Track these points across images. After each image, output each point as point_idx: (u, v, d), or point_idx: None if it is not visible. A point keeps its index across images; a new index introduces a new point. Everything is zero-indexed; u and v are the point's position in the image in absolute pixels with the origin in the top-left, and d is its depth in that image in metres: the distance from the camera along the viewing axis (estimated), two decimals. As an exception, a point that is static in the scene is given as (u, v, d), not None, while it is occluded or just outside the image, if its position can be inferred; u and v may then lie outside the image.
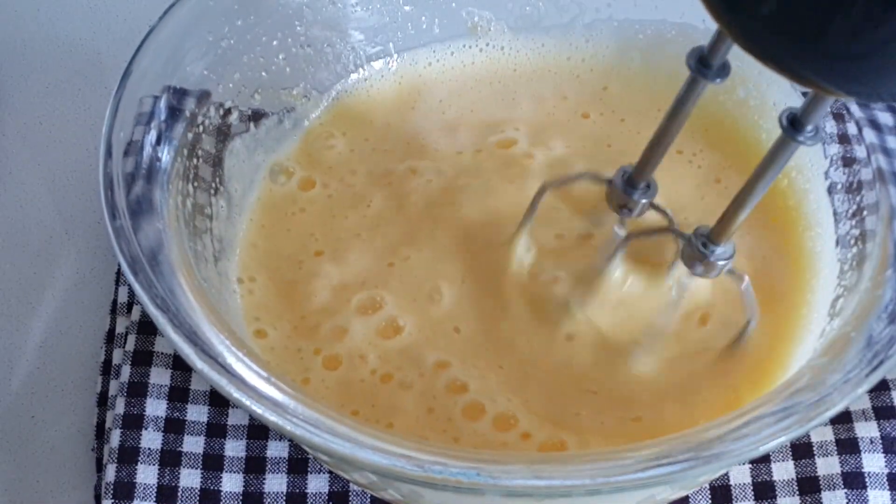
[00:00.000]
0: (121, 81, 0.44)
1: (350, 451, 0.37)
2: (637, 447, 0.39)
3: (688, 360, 0.45)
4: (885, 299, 0.41)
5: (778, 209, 0.49)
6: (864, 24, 0.30)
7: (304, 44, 0.51)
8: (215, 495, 0.44)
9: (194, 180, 0.46)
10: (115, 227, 0.41)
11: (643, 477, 0.36)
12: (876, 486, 0.44)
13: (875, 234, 0.44)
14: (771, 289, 0.47)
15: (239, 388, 0.38)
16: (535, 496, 0.37)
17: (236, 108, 0.49)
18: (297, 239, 0.49)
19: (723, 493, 0.45)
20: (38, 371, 0.49)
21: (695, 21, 0.51)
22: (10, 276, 0.52)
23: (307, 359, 0.46)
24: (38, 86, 0.58)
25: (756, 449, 0.37)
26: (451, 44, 0.54)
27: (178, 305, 0.40)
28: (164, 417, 0.46)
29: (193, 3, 0.47)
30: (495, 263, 0.48)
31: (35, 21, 0.60)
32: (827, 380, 0.39)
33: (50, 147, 0.56)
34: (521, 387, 0.45)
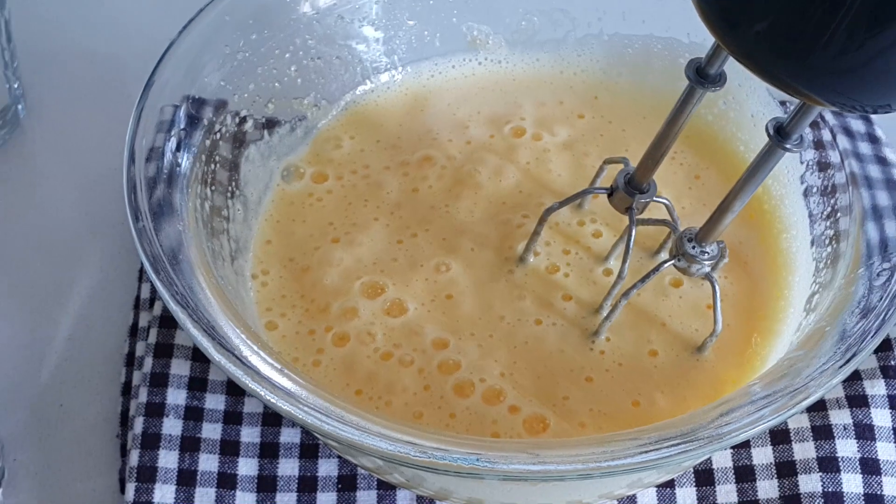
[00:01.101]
0: (143, 91, 0.44)
1: (358, 438, 0.36)
2: (627, 434, 0.39)
3: (675, 351, 0.45)
4: (858, 296, 0.41)
5: (756, 212, 0.49)
6: (850, 44, 0.30)
7: (315, 56, 0.51)
8: (232, 478, 0.44)
9: (212, 184, 0.46)
10: (138, 228, 0.41)
11: (632, 462, 0.36)
12: (849, 470, 0.44)
13: (848, 235, 0.44)
14: (751, 286, 0.47)
15: (254, 378, 0.38)
16: (531, 480, 0.37)
17: (251, 116, 0.49)
18: (314, 226, 0.49)
19: (706, 476, 0.45)
20: (66, 362, 0.49)
21: (680, 36, 0.52)
22: (40, 273, 0.52)
23: (319, 339, 0.45)
24: (66, 96, 0.58)
25: (738, 435, 0.37)
26: (452, 57, 0.54)
27: (197, 301, 0.40)
28: (184, 406, 0.45)
29: (211, 18, 0.47)
30: (503, 247, 0.48)
31: (63, 35, 0.60)
32: (803, 371, 0.39)
33: (77, 153, 0.56)
34: (514, 369, 0.44)
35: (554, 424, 0.43)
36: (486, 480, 0.37)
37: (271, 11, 0.49)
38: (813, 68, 0.32)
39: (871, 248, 0.43)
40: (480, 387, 0.44)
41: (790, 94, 0.35)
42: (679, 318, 0.46)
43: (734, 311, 0.46)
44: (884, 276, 0.41)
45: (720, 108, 0.51)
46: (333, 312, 0.46)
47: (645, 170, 0.43)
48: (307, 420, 0.37)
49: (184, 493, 0.43)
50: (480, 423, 0.43)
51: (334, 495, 0.44)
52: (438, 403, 0.44)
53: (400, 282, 0.47)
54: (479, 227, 0.49)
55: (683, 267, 0.43)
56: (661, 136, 0.42)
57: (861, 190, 0.45)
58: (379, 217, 0.49)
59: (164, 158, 0.44)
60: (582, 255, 0.48)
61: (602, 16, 0.52)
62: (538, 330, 0.45)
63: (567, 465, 0.36)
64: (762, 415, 0.37)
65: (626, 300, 0.44)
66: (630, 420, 0.43)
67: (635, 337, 0.45)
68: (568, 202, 0.46)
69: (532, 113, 0.53)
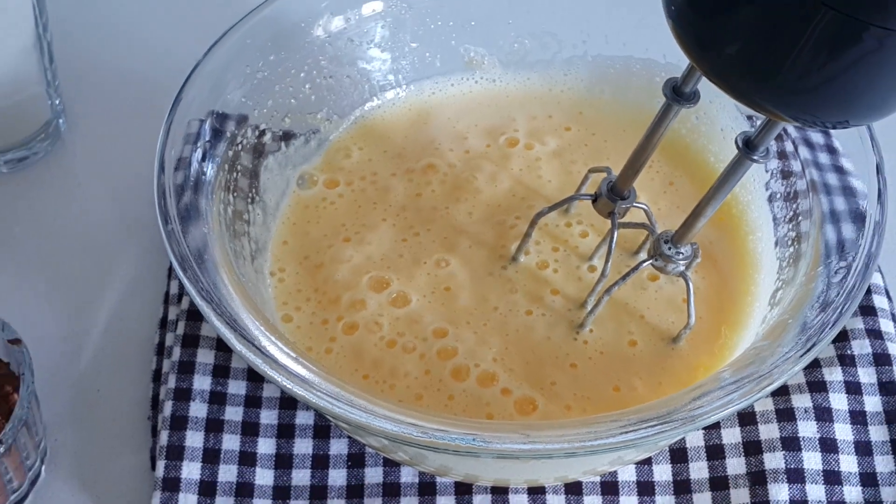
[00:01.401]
0: (172, 107, 0.44)
1: (366, 420, 0.37)
2: (609, 416, 0.39)
3: (653, 341, 0.45)
4: (817, 291, 0.41)
5: (725, 216, 0.49)
6: (810, 67, 0.31)
7: (327, 75, 0.51)
8: (252, 457, 0.44)
9: (234, 191, 0.46)
10: (167, 230, 0.41)
11: (614, 442, 0.36)
12: (809, 449, 0.44)
13: (808, 236, 0.44)
14: (721, 283, 0.47)
15: (271, 366, 0.38)
16: (522, 458, 0.37)
17: (269, 129, 0.49)
18: (327, 227, 0.49)
19: (680, 454, 0.45)
20: (102, 352, 0.49)
21: (657, 57, 0.51)
22: (78, 271, 0.52)
23: (331, 328, 0.45)
24: (102, 111, 0.58)
25: (709, 417, 0.37)
26: (451, 76, 0.53)
27: (221, 297, 0.40)
28: (209, 391, 0.45)
29: (233, 41, 0.47)
30: (498, 245, 0.48)
31: (100, 56, 0.60)
32: (768, 359, 0.39)
33: (112, 163, 0.56)
34: (506, 355, 0.44)
35: (542, 406, 0.43)
36: (481, 458, 0.38)
37: (288, 35, 0.49)
38: (777, 88, 0.32)
39: (829, 248, 0.43)
40: (475, 371, 0.44)
41: (757, 111, 0.35)
42: (656, 310, 0.46)
43: (706, 305, 0.46)
44: (841, 273, 0.41)
45: (693, 122, 0.51)
46: (343, 304, 0.46)
47: (626, 178, 0.44)
48: (320, 404, 0.37)
49: (209, 469, 0.43)
50: (476, 404, 0.43)
51: (344, 472, 0.44)
52: (437, 386, 0.44)
53: (404, 276, 0.47)
54: (476, 227, 0.49)
55: (660, 266, 0.43)
56: (641, 147, 0.42)
57: (820, 196, 0.45)
58: (386, 218, 0.49)
59: (191, 167, 0.44)
60: (569, 253, 0.48)
61: (586, 38, 0.52)
62: (528, 320, 0.45)
63: (555, 445, 0.36)
64: (731, 399, 0.37)
65: (608, 296, 0.44)
66: (611, 403, 0.43)
67: (616, 328, 0.45)
68: (556, 207, 0.46)
69: (524, 125, 0.53)
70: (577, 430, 0.37)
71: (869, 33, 0.29)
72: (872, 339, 0.47)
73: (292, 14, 0.49)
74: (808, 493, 0.43)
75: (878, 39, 0.29)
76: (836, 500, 0.43)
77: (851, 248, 0.41)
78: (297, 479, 0.44)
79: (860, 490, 0.43)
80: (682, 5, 0.33)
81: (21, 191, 0.55)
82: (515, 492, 0.43)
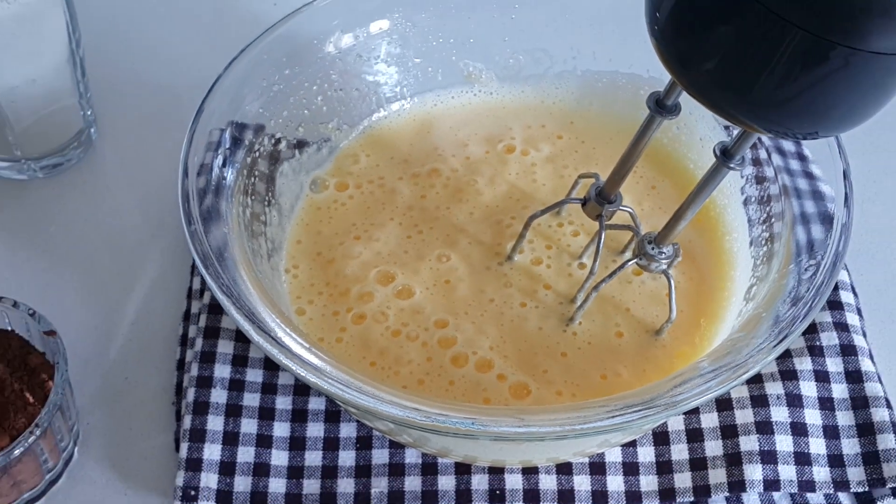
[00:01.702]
0: (195, 117, 0.44)
1: (373, 405, 0.36)
2: (597, 402, 0.39)
3: (637, 332, 0.45)
4: (789, 287, 0.41)
5: (704, 218, 0.49)
6: (781, 83, 0.31)
7: (337, 88, 0.51)
8: (268, 439, 0.44)
9: (252, 194, 0.46)
10: (190, 231, 0.41)
11: (602, 425, 0.36)
12: (781, 432, 0.44)
13: (781, 237, 0.44)
14: (700, 280, 0.47)
15: (286, 355, 0.38)
16: (516, 440, 0.37)
17: (284, 138, 0.49)
18: (338, 227, 0.49)
19: (662, 437, 0.44)
20: (131, 342, 0.49)
21: (640, 72, 0.51)
22: (109, 269, 0.52)
23: (342, 319, 0.45)
24: (130, 121, 0.58)
25: (689, 403, 0.37)
26: (452, 89, 0.53)
27: (240, 292, 0.40)
28: (229, 378, 0.45)
29: (251, 56, 0.47)
30: (494, 243, 0.48)
31: (129, 70, 0.60)
32: (743, 350, 0.39)
33: (140, 168, 0.56)
34: (501, 344, 0.44)
35: (535, 391, 0.43)
36: (479, 440, 0.37)
37: (301, 51, 0.49)
38: (752, 102, 0.32)
39: (800, 247, 0.43)
40: (473, 358, 0.44)
41: (733, 122, 0.35)
42: (641, 304, 0.46)
43: (686, 300, 0.46)
44: (810, 271, 0.41)
45: (674, 132, 0.51)
46: (353, 296, 0.46)
47: (612, 184, 0.43)
48: (331, 390, 0.37)
49: (228, 451, 0.43)
50: (474, 389, 0.43)
51: (353, 453, 0.44)
52: (439, 372, 0.43)
53: (409, 271, 0.47)
54: (475, 226, 0.49)
55: (644, 265, 0.43)
56: (626, 155, 0.42)
57: (792, 199, 0.45)
58: (393, 217, 0.49)
59: (212, 173, 0.44)
60: (560, 251, 0.48)
61: (576, 55, 0.52)
62: (522, 311, 0.45)
63: (547, 428, 0.36)
64: (709, 386, 0.37)
65: (596, 292, 0.44)
66: (598, 390, 0.43)
67: (604, 320, 0.45)
68: (549, 210, 0.46)
69: (520, 134, 0.52)
70: (568, 414, 0.37)
71: (836, 52, 0.29)
72: (840, 331, 0.47)
73: (305, 32, 0.49)
74: (780, 473, 0.43)
75: (844, 58, 0.29)
76: (805, 479, 0.43)
77: (820, 248, 0.41)
78: (309, 459, 0.44)
79: (828, 470, 0.43)
80: (664, 26, 0.33)
81: (56, 194, 0.55)
82: (511, 472, 0.43)
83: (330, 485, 0.43)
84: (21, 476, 0.42)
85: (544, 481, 0.43)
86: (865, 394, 0.45)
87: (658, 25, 0.34)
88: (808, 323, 0.38)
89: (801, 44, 0.29)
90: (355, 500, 0.42)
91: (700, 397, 0.37)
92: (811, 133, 0.34)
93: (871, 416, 0.44)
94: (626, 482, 0.43)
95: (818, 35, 0.29)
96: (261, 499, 0.42)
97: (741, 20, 0.30)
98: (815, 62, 0.30)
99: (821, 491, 0.43)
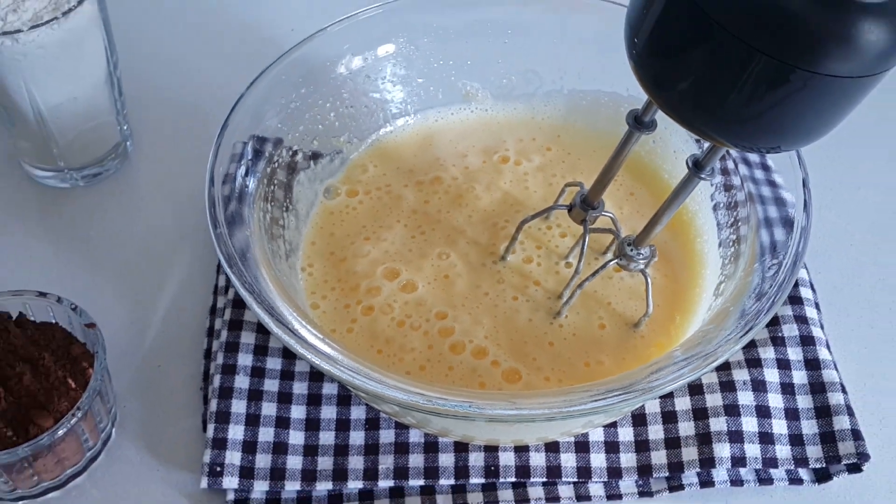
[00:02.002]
0: (220, 131, 0.44)
1: (381, 390, 0.37)
2: (582, 387, 0.39)
3: (618, 325, 0.45)
4: (753, 284, 0.41)
5: (677, 222, 0.49)
6: (746, 103, 0.31)
7: (348, 105, 0.51)
8: (286, 420, 0.44)
9: (271, 201, 0.46)
10: (216, 234, 0.41)
11: (586, 408, 0.36)
12: (747, 415, 0.44)
13: (746, 239, 0.44)
14: (674, 277, 0.47)
15: (302, 345, 0.38)
16: (510, 421, 0.37)
17: (301, 150, 0.49)
18: (349, 229, 0.49)
19: (640, 419, 0.45)
20: (163, 334, 0.49)
21: (621, 91, 0.51)
22: (142, 269, 0.52)
23: (352, 311, 0.45)
24: (162, 135, 0.58)
25: (665, 388, 0.37)
26: (451, 106, 0.53)
27: (261, 288, 0.40)
28: (251, 366, 0.45)
29: (270, 77, 0.47)
30: (489, 243, 0.48)
31: (161, 89, 0.60)
32: (713, 340, 0.39)
33: (171, 178, 0.56)
34: (495, 333, 0.44)
35: (525, 377, 0.43)
36: (476, 422, 0.38)
37: (316, 72, 0.49)
38: (720, 120, 0.32)
39: (763, 248, 0.43)
40: (470, 346, 0.44)
41: (704, 138, 0.35)
42: (621, 300, 0.46)
43: (662, 296, 0.46)
44: (773, 269, 0.41)
45: (651, 145, 0.51)
46: (362, 290, 0.46)
47: (595, 192, 0.44)
48: (342, 377, 0.37)
49: (250, 431, 0.43)
50: (471, 374, 0.43)
51: (363, 433, 0.44)
52: (439, 359, 0.44)
53: (412, 267, 0.47)
54: (473, 228, 0.49)
55: (623, 264, 0.43)
56: (608, 166, 0.42)
57: (756, 205, 0.45)
58: (399, 219, 0.49)
59: (236, 182, 0.44)
60: (549, 252, 0.48)
61: (563, 75, 0.52)
62: (514, 304, 0.45)
63: (537, 410, 0.36)
64: (682, 373, 0.37)
65: (580, 290, 0.44)
66: (583, 376, 0.43)
67: (587, 314, 0.45)
68: (538, 215, 0.46)
69: (513, 146, 0.53)
70: (556, 398, 0.37)
71: (796, 75, 0.29)
72: (800, 323, 0.47)
73: (320, 55, 0.49)
74: (746, 451, 0.43)
75: (803, 80, 0.30)
76: (769, 456, 0.43)
77: (782, 249, 0.42)
78: (323, 439, 0.44)
79: (789, 449, 0.43)
80: (641, 51, 0.33)
81: (95, 201, 0.55)
82: (504, 450, 0.43)
83: (342, 461, 0.43)
84: (65, 454, 0.42)
85: (534, 458, 0.43)
86: (823, 380, 0.45)
87: (636, 50, 0.34)
88: (771, 316, 0.39)
89: (765, 68, 0.30)
90: (364, 475, 0.43)
91: (674, 383, 0.37)
92: (774, 147, 0.34)
93: (828, 400, 0.44)
94: (608, 459, 0.43)
95: (780, 60, 0.29)
96: (279, 474, 0.42)
97: (710, 46, 0.31)
98: (777, 84, 0.30)
99: (782, 467, 0.43)
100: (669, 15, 0.32)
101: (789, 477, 0.43)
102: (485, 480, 0.42)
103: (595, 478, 0.43)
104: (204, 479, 0.42)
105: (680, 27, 0.31)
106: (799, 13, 0.28)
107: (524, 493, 0.43)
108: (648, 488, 0.43)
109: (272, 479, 0.42)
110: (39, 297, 0.44)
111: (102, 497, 0.43)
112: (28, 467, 0.41)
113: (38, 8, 0.46)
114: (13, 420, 0.40)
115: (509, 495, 0.43)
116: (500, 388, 0.43)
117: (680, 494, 0.43)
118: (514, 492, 0.43)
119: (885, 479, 0.44)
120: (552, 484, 0.43)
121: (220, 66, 0.61)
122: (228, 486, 0.42)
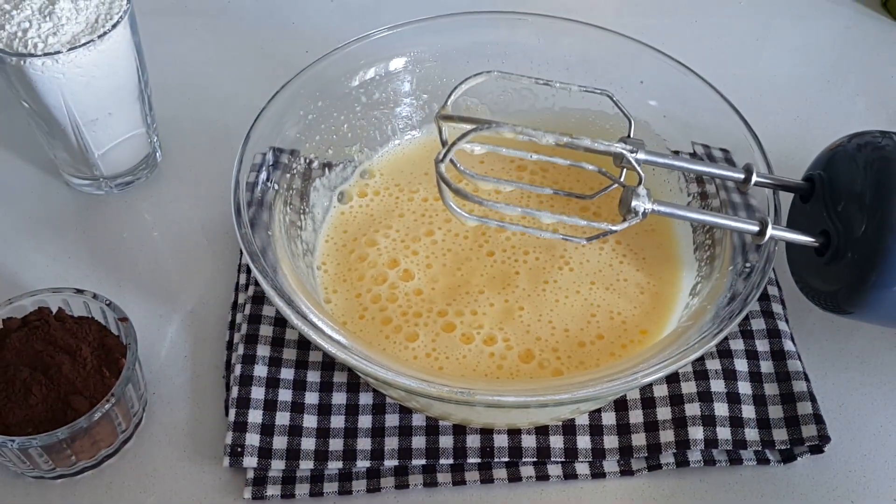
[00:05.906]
0: (243, 142, 0.44)
1: (388, 376, 0.37)
2: (571, 377, 0.39)
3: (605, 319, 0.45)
4: (727, 285, 0.41)
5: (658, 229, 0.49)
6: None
7: (361, 118, 0.51)
8: (301, 405, 0.44)
9: (290, 205, 0.46)
10: (241, 234, 0.41)
11: (574, 397, 0.36)
12: (719, 401, 0.44)
13: (721, 243, 0.44)
14: (655, 278, 0.47)
15: (318, 335, 0.38)
16: (505, 407, 0.37)
17: (316, 159, 0.49)
18: (360, 226, 0.48)
19: (622, 405, 0.45)
20: (189, 327, 0.49)
21: (607, 110, 0.51)
22: (171, 268, 0.52)
23: (363, 300, 0.45)
24: (190, 146, 0.58)
25: (645, 378, 0.37)
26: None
27: (281, 284, 0.40)
28: (269, 356, 0.45)
29: (289, 92, 0.47)
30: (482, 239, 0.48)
31: (188, 104, 0.60)
32: (691, 337, 0.39)
33: (197, 185, 0.56)
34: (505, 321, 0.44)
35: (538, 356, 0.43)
36: (475, 407, 0.38)
37: (331, 87, 0.49)
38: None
39: (736, 252, 0.43)
40: (461, 328, 0.44)
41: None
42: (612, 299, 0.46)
43: (645, 295, 0.46)
44: (745, 272, 0.41)
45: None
46: (367, 278, 0.46)
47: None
48: (354, 363, 0.37)
49: (268, 415, 0.43)
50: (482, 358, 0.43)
51: (370, 417, 0.44)
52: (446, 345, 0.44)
53: (418, 259, 0.47)
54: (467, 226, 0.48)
55: (623, 213, 0.39)
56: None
57: (729, 212, 0.45)
58: (404, 214, 0.49)
59: (258, 188, 0.44)
60: (540, 251, 0.48)
61: (555, 94, 0.52)
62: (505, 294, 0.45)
63: (531, 398, 0.36)
64: (662, 365, 0.37)
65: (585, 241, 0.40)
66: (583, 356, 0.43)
67: (582, 312, 0.45)
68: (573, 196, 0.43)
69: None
70: (546, 384, 0.37)
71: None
72: (767, 318, 0.47)
73: (334, 70, 0.49)
74: (718, 434, 0.43)
75: None
76: (739, 438, 0.43)
77: (754, 252, 0.41)
78: (334, 422, 0.44)
79: (757, 431, 0.43)
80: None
81: (128, 206, 0.55)
82: (499, 433, 0.43)
83: (351, 443, 0.43)
84: (99, 436, 0.42)
85: (526, 440, 0.43)
86: (788, 369, 0.45)
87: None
88: (744, 314, 0.39)
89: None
90: (371, 455, 0.43)
91: (655, 374, 0.37)
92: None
93: (793, 388, 0.44)
94: (593, 441, 0.43)
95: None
96: (294, 454, 0.42)
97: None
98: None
99: (751, 448, 0.43)
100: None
101: (757, 457, 0.43)
102: (481, 460, 0.42)
103: (581, 458, 0.43)
104: (226, 459, 0.42)
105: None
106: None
107: (516, 471, 0.43)
108: (629, 468, 0.43)
109: (287, 459, 0.42)
110: (77, 293, 0.44)
111: (133, 474, 0.43)
112: (66, 448, 0.41)
113: (76, 31, 0.46)
114: (53, 405, 0.40)
115: (503, 474, 0.43)
116: (516, 369, 0.43)
117: (658, 473, 0.43)
118: (507, 471, 0.43)
119: (843, 460, 0.44)
120: (542, 463, 0.43)
121: (241, 82, 0.61)
122: (248, 465, 0.42)
